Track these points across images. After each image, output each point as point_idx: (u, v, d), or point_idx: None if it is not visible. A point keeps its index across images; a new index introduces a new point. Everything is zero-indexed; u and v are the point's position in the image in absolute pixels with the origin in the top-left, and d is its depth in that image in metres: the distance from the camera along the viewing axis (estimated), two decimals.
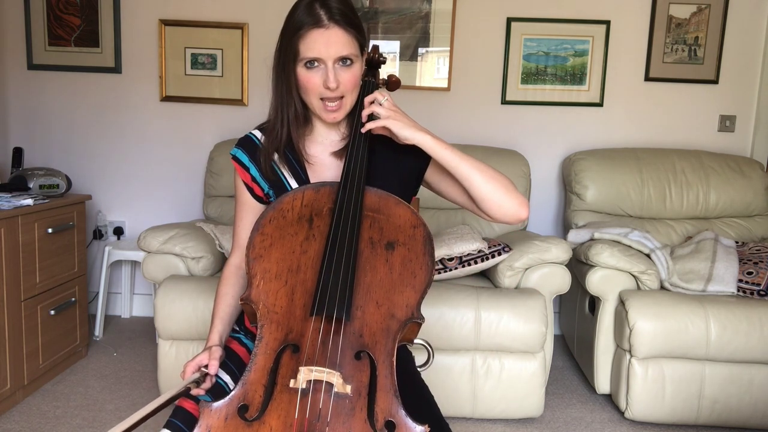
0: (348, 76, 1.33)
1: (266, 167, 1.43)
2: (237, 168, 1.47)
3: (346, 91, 1.34)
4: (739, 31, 3.41)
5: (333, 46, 1.30)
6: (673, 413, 2.46)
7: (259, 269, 1.22)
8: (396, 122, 1.31)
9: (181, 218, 3.57)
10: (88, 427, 2.37)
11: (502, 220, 1.36)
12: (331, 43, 1.30)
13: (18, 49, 3.48)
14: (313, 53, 1.30)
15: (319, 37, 1.29)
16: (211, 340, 1.36)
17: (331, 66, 1.31)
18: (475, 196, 1.34)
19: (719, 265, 2.65)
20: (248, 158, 1.46)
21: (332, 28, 1.29)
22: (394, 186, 1.39)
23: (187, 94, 3.50)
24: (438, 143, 1.32)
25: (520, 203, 1.34)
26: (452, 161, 1.32)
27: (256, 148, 1.46)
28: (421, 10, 3.40)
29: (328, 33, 1.29)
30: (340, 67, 1.32)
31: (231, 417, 1.06)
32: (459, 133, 3.49)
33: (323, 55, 1.30)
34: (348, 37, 1.31)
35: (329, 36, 1.29)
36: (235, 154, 1.47)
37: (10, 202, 2.51)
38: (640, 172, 3.16)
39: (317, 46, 1.29)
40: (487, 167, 1.34)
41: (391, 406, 1.08)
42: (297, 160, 1.44)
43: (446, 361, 2.44)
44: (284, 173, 1.44)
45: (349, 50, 1.31)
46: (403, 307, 1.19)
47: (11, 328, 2.46)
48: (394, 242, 1.25)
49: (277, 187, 1.44)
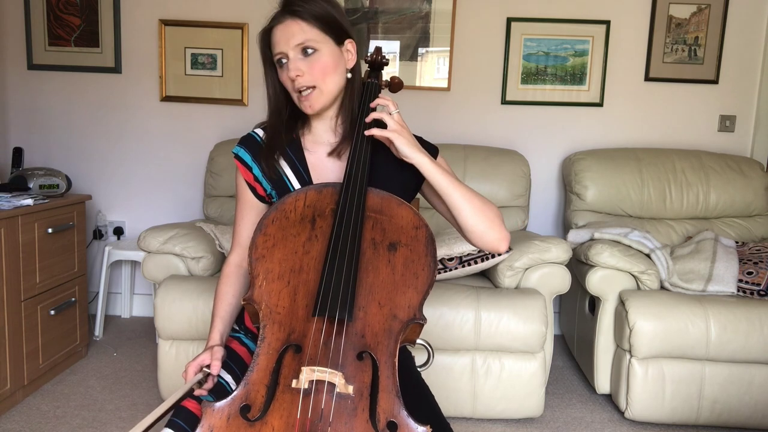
0: (311, 62, 1.35)
1: (268, 168, 1.43)
2: (239, 167, 1.47)
3: (315, 79, 1.36)
4: (739, 31, 3.41)
5: (288, 37, 1.35)
6: (673, 413, 2.46)
7: (262, 269, 1.22)
8: (401, 138, 1.33)
9: (181, 218, 3.57)
10: (88, 427, 2.37)
11: (481, 249, 1.40)
12: (286, 34, 1.35)
13: (18, 49, 3.47)
14: (276, 49, 1.37)
15: (279, 32, 1.36)
16: (212, 339, 1.37)
17: (293, 57, 1.35)
18: (460, 223, 1.38)
19: (719, 265, 2.66)
20: (251, 157, 1.46)
21: (287, 20, 1.35)
22: (396, 188, 1.39)
23: (187, 94, 3.50)
24: (434, 168, 1.34)
25: (501, 238, 1.37)
26: (445, 188, 1.35)
27: (259, 148, 1.46)
28: (421, 10, 3.40)
29: (284, 26, 1.36)
30: (303, 58, 1.35)
31: (233, 417, 1.07)
32: (459, 133, 3.49)
33: (284, 48, 1.35)
34: (305, 26, 1.35)
35: (285, 28, 1.35)
36: (237, 152, 1.47)
37: (10, 202, 2.51)
38: (640, 172, 3.17)
39: (277, 40, 1.36)
40: (477, 198, 1.37)
41: (393, 406, 1.09)
42: (299, 159, 1.45)
43: (446, 361, 2.44)
44: (287, 173, 1.45)
45: (306, 36, 1.34)
46: (405, 307, 1.19)
47: (11, 328, 2.46)
48: (397, 243, 1.25)
49: (280, 187, 1.45)
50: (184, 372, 1.25)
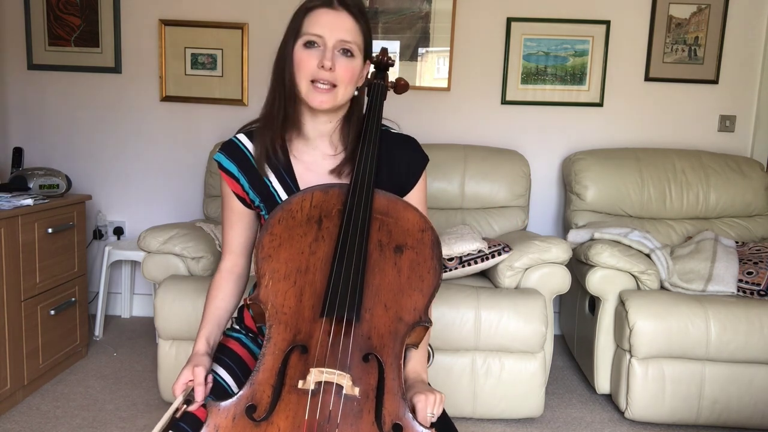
0: (346, 64, 1.31)
1: (258, 181, 1.39)
2: (225, 177, 1.41)
3: (340, 80, 1.31)
4: (739, 31, 3.41)
5: (338, 27, 1.29)
6: (673, 413, 2.46)
7: (268, 269, 1.21)
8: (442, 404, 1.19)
9: (181, 218, 3.57)
10: (88, 427, 2.37)
11: None
12: (337, 24, 1.29)
13: (18, 49, 3.47)
14: (315, 29, 1.29)
15: (326, 15, 1.30)
16: (198, 345, 1.33)
17: (331, 47, 1.29)
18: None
19: (719, 265, 2.66)
20: (237, 168, 1.40)
21: (341, 12, 1.30)
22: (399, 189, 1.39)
23: (187, 94, 3.49)
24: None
25: None
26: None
27: (244, 158, 1.40)
28: (421, 10, 3.41)
29: (336, 14, 1.30)
30: (340, 54, 1.30)
31: (239, 417, 1.07)
32: (459, 133, 3.49)
33: (325, 34, 1.29)
34: (355, 26, 1.31)
35: (336, 17, 1.30)
36: (220, 161, 1.41)
37: (10, 202, 2.50)
38: (640, 172, 3.17)
39: (322, 22, 1.29)
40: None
41: (399, 408, 1.09)
42: (287, 170, 1.40)
43: (446, 361, 2.44)
44: (274, 185, 1.39)
45: (353, 37, 1.30)
46: (410, 310, 1.19)
47: (11, 328, 2.46)
48: (403, 245, 1.25)
49: (268, 200, 1.39)
50: (173, 386, 1.20)
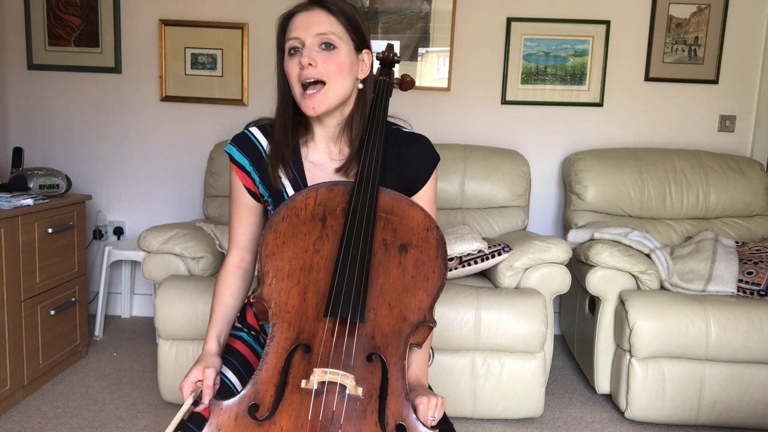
0: (327, 57, 1.28)
1: (269, 177, 1.37)
2: (236, 170, 1.40)
3: (327, 74, 1.28)
4: (739, 31, 3.42)
5: (312, 24, 1.28)
6: (673, 413, 2.46)
7: (272, 267, 1.20)
8: (443, 408, 1.18)
9: (181, 218, 3.57)
10: (88, 427, 2.36)
11: None
12: (311, 21, 1.28)
13: (18, 49, 3.46)
14: (292, 34, 1.29)
15: (299, 18, 1.30)
16: (208, 344, 1.33)
17: (310, 45, 1.28)
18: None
19: (719, 265, 2.66)
20: (249, 162, 1.39)
21: (314, 9, 1.30)
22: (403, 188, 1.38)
23: (187, 94, 3.49)
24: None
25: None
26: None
27: (255, 150, 1.40)
28: (421, 10, 3.40)
29: (308, 13, 1.30)
30: (321, 50, 1.28)
31: (241, 416, 1.06)
32: (459, 133, 3.49)
33: (301, 35, 1.28)
34: (331, 19, 1.29)
35: (309, 16, 1.29)
36: (232, 153, 1.40)
37: (10, 202, 2.50)
38: (640, 172, 3.17)
39: (296, 25, 1.29)
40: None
41: (402, 409, 1.08)
42: (299, 173, 1.39)
43: (446, 361, 2.44)
44: (285, 186, 1.39)
45: (329, 28, 1.28)
46: (415, 310, 1.18)
47: (11, 328, 2.45)
48: (408, 244, 1.24)
49: (276, 197, 1.39)
50: (180, 385, 1.20)
